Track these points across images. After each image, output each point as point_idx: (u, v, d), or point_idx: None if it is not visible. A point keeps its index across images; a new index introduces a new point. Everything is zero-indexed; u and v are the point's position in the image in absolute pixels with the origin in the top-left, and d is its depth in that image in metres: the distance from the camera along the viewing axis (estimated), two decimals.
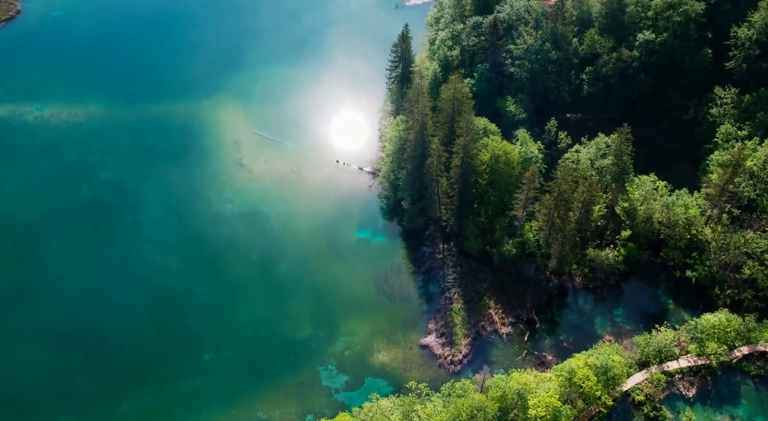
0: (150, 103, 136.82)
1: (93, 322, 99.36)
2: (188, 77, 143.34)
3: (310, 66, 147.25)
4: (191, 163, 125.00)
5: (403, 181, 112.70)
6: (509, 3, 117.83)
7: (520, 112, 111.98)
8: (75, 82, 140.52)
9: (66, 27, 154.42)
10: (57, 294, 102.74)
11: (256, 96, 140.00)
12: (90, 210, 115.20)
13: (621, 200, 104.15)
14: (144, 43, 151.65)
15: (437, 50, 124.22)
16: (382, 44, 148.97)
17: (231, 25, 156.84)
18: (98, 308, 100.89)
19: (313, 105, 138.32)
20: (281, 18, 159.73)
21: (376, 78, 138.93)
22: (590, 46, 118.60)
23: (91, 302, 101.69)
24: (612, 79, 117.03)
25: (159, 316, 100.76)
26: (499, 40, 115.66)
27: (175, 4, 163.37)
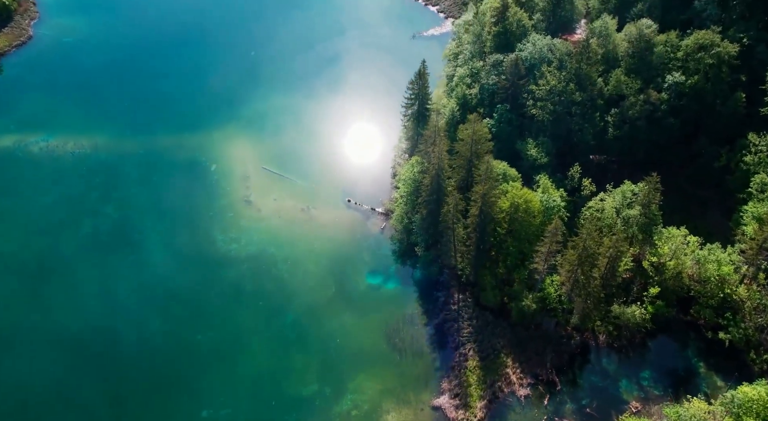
0: (158, 134, 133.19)
1: (84, 370, 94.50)
2: (198, 107, 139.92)
3: (322, 98, 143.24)
4: (198, 200, 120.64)
5: (416, 225, 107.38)
6: (531, 41, 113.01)
7: (541, 156, 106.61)
8: (82, 111, 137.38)
9: (76, 54, 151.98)
10: (50, 338, 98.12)
11: (267, 128, 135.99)
12: (91, 249, 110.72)
13: (649, 254, 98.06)
14: (155, 71, 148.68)
15: (455, 87, 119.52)
16: (397, 76, 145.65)
17: (244, 56, 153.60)
18: (91, 356, 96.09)
19: (325, 139, 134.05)
20: (295, 47, 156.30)
21: (391, 113, 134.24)
22: (616, 87, 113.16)
23: (83, 348, 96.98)
24: (639, 122, 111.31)
25: (155, 366, 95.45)
26: (520, 80, 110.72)
27: (188, 32, 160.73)
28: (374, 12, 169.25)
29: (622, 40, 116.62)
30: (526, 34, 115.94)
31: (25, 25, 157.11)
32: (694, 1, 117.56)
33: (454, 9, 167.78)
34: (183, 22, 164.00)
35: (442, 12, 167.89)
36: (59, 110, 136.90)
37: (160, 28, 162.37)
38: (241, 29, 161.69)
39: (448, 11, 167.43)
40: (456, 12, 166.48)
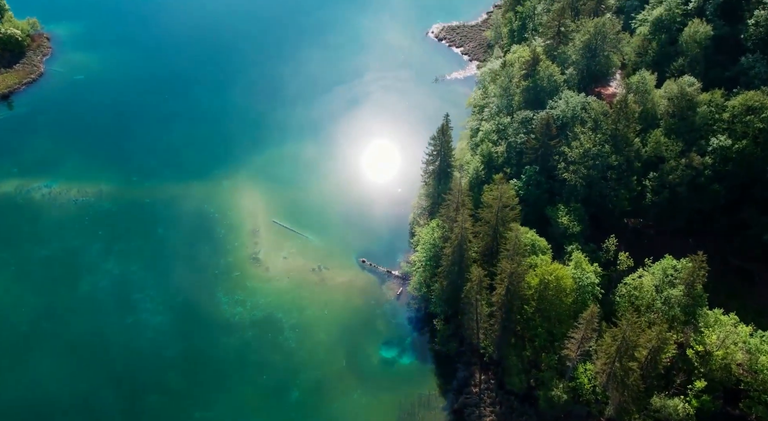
0: (165, 181, 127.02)
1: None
2: (209, 152, 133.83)
3: (338, 146, 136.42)
4: (203, 256, 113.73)
5: (435, 295, 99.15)
6: (564, 98, 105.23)
7: (573, 225, 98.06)
8: (89, 155, 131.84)
9: (86, 92, 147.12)
10: (38, 411, 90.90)
11: (280, 178, 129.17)
12: (87, 311, 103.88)
13: (693, 341, 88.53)
14: (166, 112, 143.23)
15: (480, 144, 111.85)
16: (418, 124, 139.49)
17: (258, 97, 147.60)
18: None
19: (341, 192, 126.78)
20: (312, 90, 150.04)
21: (410, 164, 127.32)
22: (655, 148, 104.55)
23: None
24: (680, 187, 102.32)
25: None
26: (551, 140, 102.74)
27: (203, 70, 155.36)
28: (395, 53, 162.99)
29: (662, 97, 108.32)
30: (557, 90, 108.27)
31: (37, 62, 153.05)
32: (740, 58, 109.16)
33: (478, 52, 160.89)
34: (199, 59, 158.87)
35: (466, 54, 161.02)
36: (65, 153, 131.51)
37: (175, 64, 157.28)
38: (258, 68, 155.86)
39: (473, 54, 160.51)
40: (480, 55, 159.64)
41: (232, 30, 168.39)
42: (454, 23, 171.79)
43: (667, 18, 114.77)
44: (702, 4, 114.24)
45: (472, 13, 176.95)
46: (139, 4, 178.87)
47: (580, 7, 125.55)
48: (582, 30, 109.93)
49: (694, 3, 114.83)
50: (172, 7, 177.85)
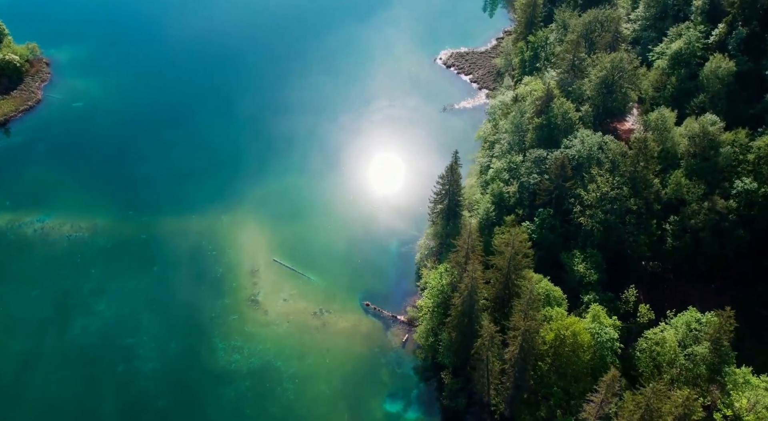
0: (163, 215, 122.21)
1: None
2: (208, 184, 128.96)
3: (343, 179, 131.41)
4: (200, 297, 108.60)
5: (444, 346, 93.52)
6: (579, 138, 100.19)
7: (590, 273, 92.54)
8: (85, 187, 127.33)
9: (85, 120, 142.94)
10: None
11: (281, 212, 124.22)
12: (75, 357, 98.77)
13: (721, 405, 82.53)
14: (165, 141, 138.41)
15: (491, 183, 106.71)
16: (426, 156, 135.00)
17: (261, 126, 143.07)
18: None
19: (345, 227, 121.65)
20: (317, 119, 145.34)
21: (417, 200, 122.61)
22: (675, 190, 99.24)
23: None
24: (702, 232, 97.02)
25: None
26: (565, 182, 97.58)
27: (205, 96, 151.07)
28: (403, 80, 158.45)
29: (682, 136, 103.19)
30: (572, 127, 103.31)
31: (35, 88, 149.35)
32: (765, 95, 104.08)
33: (488, 79, 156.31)
34: (201, 85, 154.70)
35: (475, 82, 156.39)
36: (60, 185, 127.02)
37: (177, 90, 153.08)
38: (261, 96, 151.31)
39: (482, 82, 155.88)
40: (490, 83, 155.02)
41: (236, 54, 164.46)
42: (463, 49, 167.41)
43: (687, 52, 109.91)
44: (724, 38, 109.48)
45: (481, 39, 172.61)
46: (144, 26, 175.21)
47: (595, 39, 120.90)
48: (598, 65, 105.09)
49: (715, 37, 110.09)
50: (178, 30, 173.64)
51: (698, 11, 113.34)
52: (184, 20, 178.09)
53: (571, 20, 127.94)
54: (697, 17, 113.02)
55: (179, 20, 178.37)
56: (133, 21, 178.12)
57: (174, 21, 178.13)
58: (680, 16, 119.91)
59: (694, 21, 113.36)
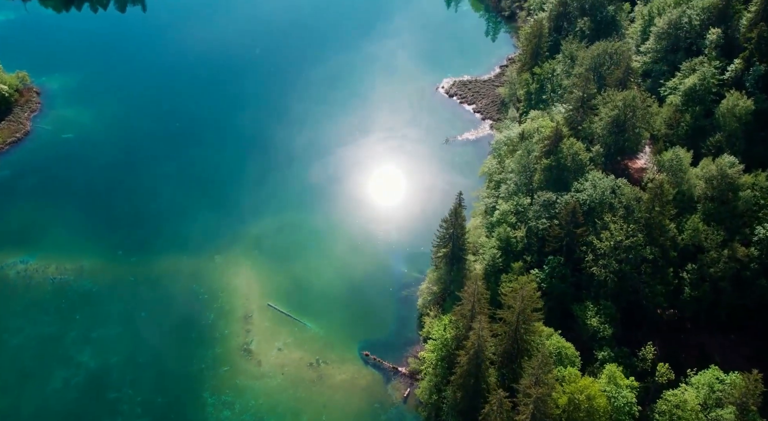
0: (153, 256, 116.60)
1: None
2: (201, 222, 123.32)
3: (341, 217, 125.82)
4: (189, 345, 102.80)
5: (448, 405, 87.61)
6: (591, 181, 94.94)
7: (604, 328, 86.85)
8: (72, 224, 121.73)
9: (74, 152, 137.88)
10: None
11: (276, 252, 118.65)
12: (58, 413, 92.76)
13: None
14: (158, 175, 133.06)
15: (497, 225, 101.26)
16: (428, 192, 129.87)
17: (257, 159, 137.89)
18: None
19: (343, 269, 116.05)
20: (314, 151, 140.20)
21: (419, 240, 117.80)
22: (693, 236, 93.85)
23: None
24: (722, 282, 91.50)
25: None
26: (577, 228, 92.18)
27: (200, 129, 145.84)
28: (404, 109, 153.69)
29: (698, 178, 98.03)
30: (582, 169, 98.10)
31: (24, 119, 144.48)
32: None
33: (491, 110, 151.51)
34: (196, 115, 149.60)
35: (478, 112, 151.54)
36: (46, 223, 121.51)
37: (171, 120, 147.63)
38: (258, 127, 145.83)
39: (486, 112, 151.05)
40: (494, 113, 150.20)
41: (232, 82, 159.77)
42: (466, 78, 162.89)
43: (701, 89, 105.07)
44: (740, 75, 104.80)
45: (484, 66, 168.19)
46: (139, 52, 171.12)
47: (604, 72, 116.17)
48: (609, 104, 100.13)
49: (731, 73, 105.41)
50: (173, 56, 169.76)
51: (712, 46, 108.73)
52: (179, 46, 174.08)
53: (579, 52, 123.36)
54: (712, 52, 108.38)
55: (174, 45, 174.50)
56: (127, 47, 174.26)
57: (169, 46, 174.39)
58: (693, 49, 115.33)
59: (708, 56, 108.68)
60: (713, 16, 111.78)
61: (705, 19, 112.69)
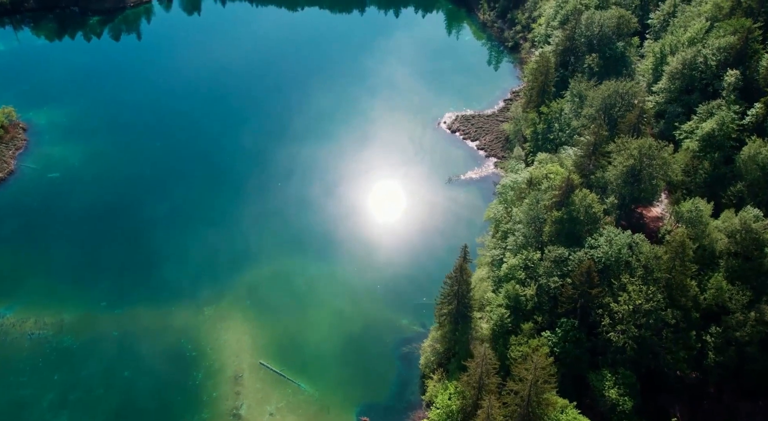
0: (139, 307, 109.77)
1: None
2: (190, 270, 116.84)
3: (341, 263, 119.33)
4: (176, 409, 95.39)
5: None
6: (606, 237, 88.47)
7: (624, 401, 79.81)
8: (54, 273, 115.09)
9: (60, 193, 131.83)
10: None
11: (270, 303, 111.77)
12: None
13: None
14: (146, 219, 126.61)
15: (504, 281, 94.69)
16: (431, 238, 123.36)
17: (250, 202, 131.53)
18: None
19: (340, 323, 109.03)
20: (312, 193, 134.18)
21: (421, 292, 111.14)
22: (716, 296, 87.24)
23: None
24: (749, 347, 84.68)
25: None
26: (591, 289, 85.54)
27: (190, 169, 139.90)
28: (405, 146, 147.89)
29: (720, 231, 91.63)
30: (596, 222, 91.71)
31: (9, 157, 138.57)
32: None
33: (496, 146, 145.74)
34: (188, 153, 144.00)
35: (482, 149, 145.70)
36: (27, 272, 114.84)
37: (162, 158, 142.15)
38: (252, 166, 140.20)
39: (490, 149, 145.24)
40: (499, 150, 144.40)
41: (228, 121, 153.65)
42: (469, 112, 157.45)
43: (720, 134, 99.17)
44: (761, 120, 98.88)
45: (487, 100, 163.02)
46: (129, 87, 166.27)
47: (615, 114, 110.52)
48: (624, 153, 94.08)
49: (752, 118, 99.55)
50: (168, 90, 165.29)
51: (730, 88, 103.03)
52: (174, 78, 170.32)
53: (588, 92, 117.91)
54: (730, 95, 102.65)
55: (168, 78, 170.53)
56: (120, 79, 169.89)
57: (163, 78, 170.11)
58: (709, 90, 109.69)
59: (726, 99, 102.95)
60: (730, 57, 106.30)
61: (722, 60, 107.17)
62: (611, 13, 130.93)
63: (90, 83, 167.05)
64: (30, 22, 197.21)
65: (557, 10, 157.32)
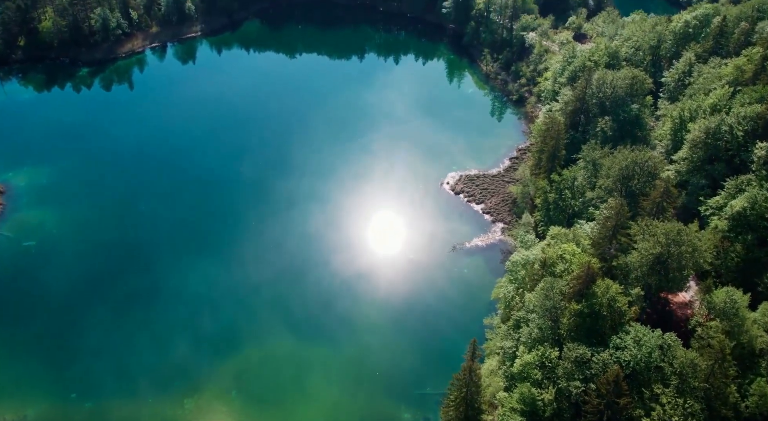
0: (112, 399, 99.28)
1: None
2: (170, 355, 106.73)
3: (336, 346, 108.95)
4: None
5: None
6: (633, 336, 78.60)
7: None
8: (21, 359, 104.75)
9: (34, 265, 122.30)
10: None
11: (258, 395, 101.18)
12: None
13: None
14: (124, 295, 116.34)
15: (518, 381, 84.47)
16: (434, 317, 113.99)
17: (236, 275, 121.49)
18: None
19: (336, 416, 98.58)
20: (306, 264, 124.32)
21: (422, 376, 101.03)
22: (760, 404, 76.95)
23: None
24: None
25: None
26: (619, 398, 75.26)
27: (175, 237, 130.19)
28: (407, 211, 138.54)
29: (759, 326, 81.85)
30: (621, 317, 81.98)
31: None
32: None
33: (503, 210, 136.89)
34: (172, 219, 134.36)
35: (488, 213, 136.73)
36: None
37: (145, 225, 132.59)
38: (241, 233, 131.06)
39: (496, 213, 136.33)
40: (506, 215, 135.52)
41: (218, 186, 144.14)
42: (473, 172, 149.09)
43: (753, 214, 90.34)
44: None
45: (492, 158, 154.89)
46: (119, 144, 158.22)
47: (634, 186, 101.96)
48: (650, 240, 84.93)
49: None
50: (158, 148, 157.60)
51: (760, 162, 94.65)
52: (164, 133, 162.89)
53: (603, 160, 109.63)
54: (761, 170, 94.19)
55: (158, 133, 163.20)
56: (105, 135, 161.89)
57: (152, 134, 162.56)
58: (735, 162, 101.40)
59: (757, 174, 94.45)
60: (758, 127, 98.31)
61: (748, 129, 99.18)
62: (624, 73, 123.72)
63: (76, 139, 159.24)
64: (18, 74, 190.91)
65: (565, 66, 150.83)
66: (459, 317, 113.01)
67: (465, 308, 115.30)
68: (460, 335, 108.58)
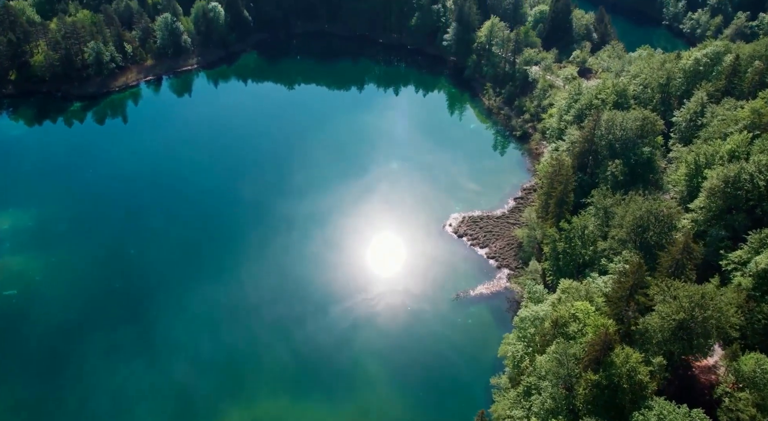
0: None
1: None
2: (158, 411, 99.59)
3: (330, 410, 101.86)
4: None
5: None
6: (657, 413, 71.72)
7: None
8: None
9: (14, 316, 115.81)
10: None
11: None
12: None
13: None
14: (112, 347, 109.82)
15: None
16: (434, 373, 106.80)
17: (229, 327, 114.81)
18: None
19: None
20: (303, 313, 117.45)
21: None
22: None
23: None
24: None
25: None
26: None
27: (166, 283, 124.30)
28: (407, 256, 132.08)
29: None
30: (643, 389, 75.24)
31: None
32: None
33: (508, 255, 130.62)
34: (166, 264, 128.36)
35: (492, 258, 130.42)
36: None
37: (134, 270, 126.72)
38: (233, 285, 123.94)
39: (501, 258, 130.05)
40: (511, 260, 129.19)
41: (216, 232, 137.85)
42: (476, 213, 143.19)
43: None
44: None
45: (496, 197, 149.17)
46: (109, 179, 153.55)
47: (650, 239, 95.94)
48: (672, 304, 78.59)
49: None
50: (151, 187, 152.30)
51: None
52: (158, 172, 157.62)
53: (616, 208, 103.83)
54: None
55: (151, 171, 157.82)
56: (96, 172, 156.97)
57: (144, 172, 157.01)
58: (757, 212, 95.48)
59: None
60: None
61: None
62: (635, 114, 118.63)
63: (65, 177, 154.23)
64: (9, 108, 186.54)
65: (570, 103, 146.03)
66: (464, 373, 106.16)
67: (470, 362, 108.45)
68: (465, 394, 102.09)
